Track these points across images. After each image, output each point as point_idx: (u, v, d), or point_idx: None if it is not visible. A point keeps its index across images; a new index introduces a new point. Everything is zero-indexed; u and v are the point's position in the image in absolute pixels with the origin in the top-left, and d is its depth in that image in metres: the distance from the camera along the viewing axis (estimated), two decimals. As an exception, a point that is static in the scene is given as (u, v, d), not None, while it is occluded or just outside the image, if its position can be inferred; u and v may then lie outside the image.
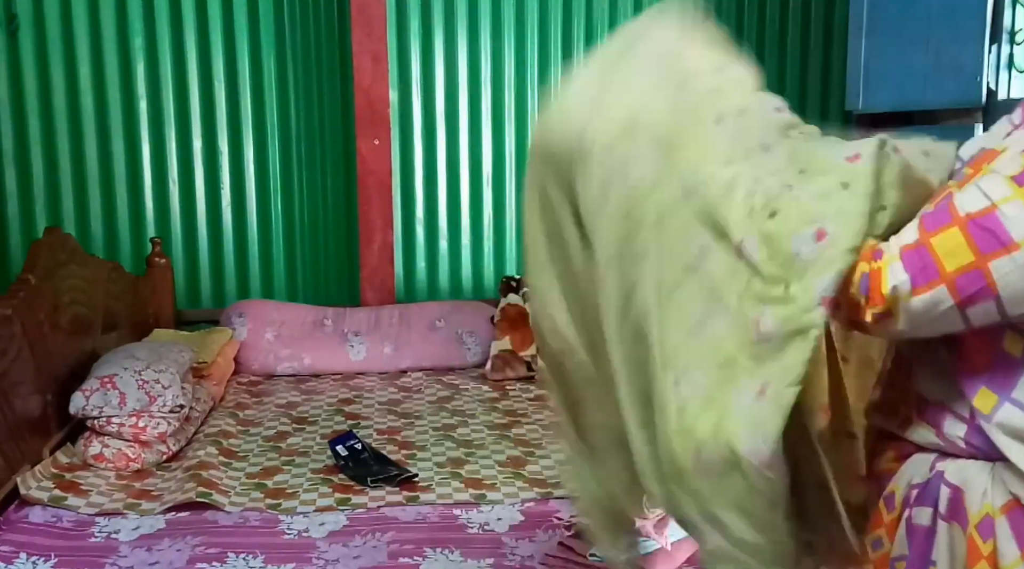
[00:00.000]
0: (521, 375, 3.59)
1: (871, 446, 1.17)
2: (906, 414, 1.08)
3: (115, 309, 3.38)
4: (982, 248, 0.90)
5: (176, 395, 2.76)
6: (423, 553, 2.12)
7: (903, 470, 1.08)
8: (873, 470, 1.15)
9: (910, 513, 1.06)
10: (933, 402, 1.05)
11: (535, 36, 4.09)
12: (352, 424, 3.03)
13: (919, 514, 1.05)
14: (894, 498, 1.09)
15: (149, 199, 3.94)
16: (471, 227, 4.16)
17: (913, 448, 1.08)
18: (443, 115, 4.08)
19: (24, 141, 3.80)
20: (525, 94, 4.11)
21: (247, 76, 3.93)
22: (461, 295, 4.15)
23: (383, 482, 2.52)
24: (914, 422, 1.07)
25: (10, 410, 2.46)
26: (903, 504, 1.07)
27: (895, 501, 1.08)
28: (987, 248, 0.90)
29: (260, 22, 3.90)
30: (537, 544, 2.17)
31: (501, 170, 4.15)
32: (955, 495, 1.02)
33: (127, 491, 2.50)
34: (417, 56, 4.02)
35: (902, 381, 1.09)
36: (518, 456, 2.76)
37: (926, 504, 1.04)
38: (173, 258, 3.92)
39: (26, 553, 2.11)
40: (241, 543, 2.18)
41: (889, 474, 1.10)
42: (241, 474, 2.63)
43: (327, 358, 3.70)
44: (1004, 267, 0.89)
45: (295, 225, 4.07)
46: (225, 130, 3.95)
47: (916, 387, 1.07)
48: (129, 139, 3.89)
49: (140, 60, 3.85)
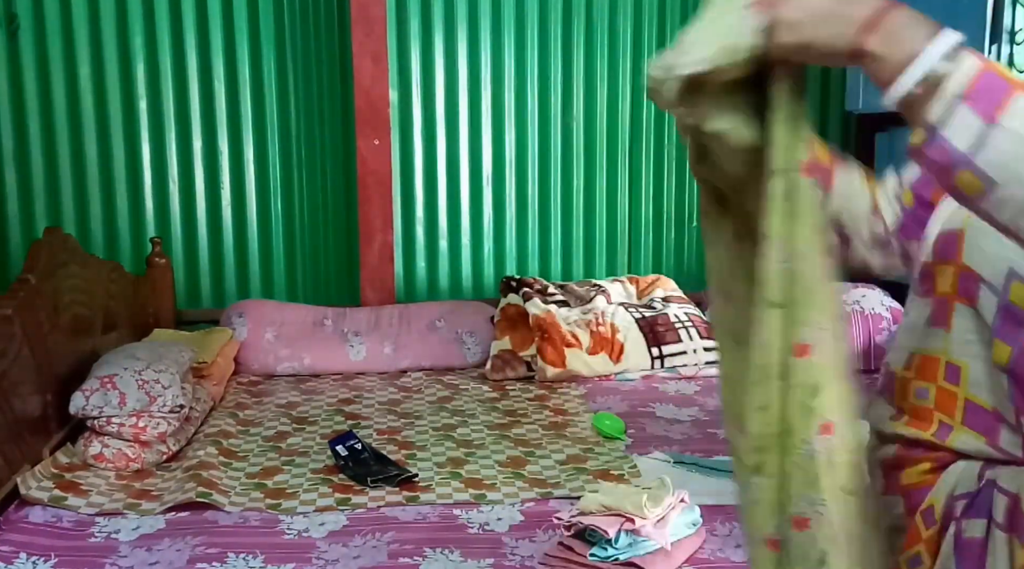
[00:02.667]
0: (521, 375, 3.58)
1: (895, 458, 1.09)
2: (944, 422, 1.02)
3: (115, 309, 3.38)
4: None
5: (176, 395, 2.76)
6: (423, 553, 2.12)
7: (942, 481, 1.02)
8: (900, 483, 1.08)
9: (959, 527, 0.99)
10: (985, 409, 0.99)
11: (535, 36, 4.09)
12: (352, 424, 3.03)
13: (971, 527, 0.98)
14: (933, 512, 1.02)
15: (149, 199, 3.95)
16: (471, 227, 4.16)
17: (952, 457, 1.03)
18: (443, 115, 4.08)
19: (24, 141, 3.81)
20: (525, 94, 4.11)
21: (247, 76, 3.93)
22: (461, 295, 4.15)
23: (383, 482, 2.52)
24: (957, 430, 1.01)
25: (10, 410, 2.46)
26: (945, 517, 1.01)
27: (935, 514, 1.02)
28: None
29: (260, 22, 3.91)
30: (537, 544, 2.17)
31: (501, 170, 4.15)
32: (1013, 504, 0.96)
33: (127, 491, 2.50)
34: (417, 56, 4.02)
35: (942, 386, 1.03)
36: (518, 456, 2.76)
37: (978, 516, 0.98)
38: (173, 258, 3.92)
39: (26, 553, 2.11)
40: (241, 543, 2.18)
41: (924, 487, 1.04)
42: (241, 474, 2.63)
43: (327, 358, 3.70)
44: None
45: (295, 225, 4.07)
46: (225, 130, 3.95)
47: (964, 393, 1.01)
48: (129, 139, 3.89)
49: (140, 60, 3.85)
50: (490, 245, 4.19)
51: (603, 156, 4.22)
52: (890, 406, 1.10)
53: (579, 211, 4.24)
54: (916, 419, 1.06)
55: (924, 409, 1.05)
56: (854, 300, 3.69)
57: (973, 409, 1.00)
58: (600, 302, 3.77)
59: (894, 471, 1.09)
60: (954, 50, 0.79)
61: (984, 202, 0.79)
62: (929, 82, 0.79)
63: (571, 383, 3.50)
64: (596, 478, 2.53)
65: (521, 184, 4.18)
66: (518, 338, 3.62)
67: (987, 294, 1.00)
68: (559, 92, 4.14)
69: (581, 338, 3.54)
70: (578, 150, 4.19)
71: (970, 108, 0.77)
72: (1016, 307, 0.97)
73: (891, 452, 1.10)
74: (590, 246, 4.28)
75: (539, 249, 4.23)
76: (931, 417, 1.04)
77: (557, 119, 4.17)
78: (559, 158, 4.19)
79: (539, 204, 4.20)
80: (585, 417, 3.10)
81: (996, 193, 0.78)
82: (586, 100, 4.17)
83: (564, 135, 4.18)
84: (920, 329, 1.07)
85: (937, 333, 1.04)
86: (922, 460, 1.06)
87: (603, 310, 3.67)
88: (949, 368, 1.03)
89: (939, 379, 1.03)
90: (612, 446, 2.83)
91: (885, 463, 1.11)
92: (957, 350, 1.02)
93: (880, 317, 3.64)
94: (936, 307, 1.06)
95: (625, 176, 4.26)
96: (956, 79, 0.78)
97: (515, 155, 4.14)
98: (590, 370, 3.52)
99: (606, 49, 4.13)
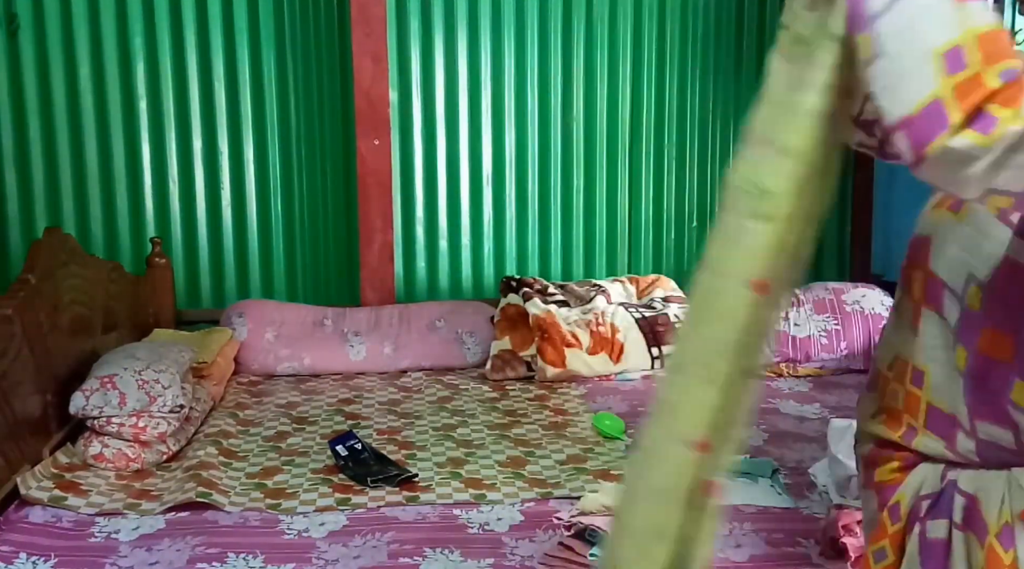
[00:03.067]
0: (521, 375, 3.58)
1: (870, 455, 1.13)
2: (911, 424, 1.05)
3: (115, 309, 3.38)
4: None
5: (176, 395, 2.76)
6: (423, 553, 2.13)
7: (909, 480, 1.05)
8: (873, 480, 1.12)
9: (924, 527, 1.02)
10: (944, 413, 1.01)
11: (535, 36, 4.09)
12: (352, 424, 3.03)
13: (934, 528, 1.01)
14: (899, 509, 1.06)
15: (149, 199, 3.95)
16: (471, 227, 4.16)
17: (918, 458, 1.05)
18: (443, 115, 4.08)
19: (24, 141, 3.81)
20: (525, 94, 4.12)
21: (247, 76, 3.93)
22: (461, 295, 4.15)
23: (383, 482, 2.52)
24: (920, 433, 1.04)
25: (10, 410, 2.46)
26: (910, 516, 1.04)
27: (900, 512, 1.05)
28: None
29: (260, 22, 3.91)
30: (537, 544, 2.17)
31: (501, 170, 4.15)
32: (971, 504, 0.98)
33: (127, 491, 2.50)
34: (417, 56, 4.02)
35: (909, 390, 1.06)
36: (518, 456, 2.76)
37: (941, 517, 1.01)
38: (173, 258, 3.92)
39: (26, 553, 2.11)
40: (241, 543, 2.18)
41: (892, 485, 1.07)
42: (241, 474, 2.63)
43: (327, 358, 3.70)
44: None
45: (295, 225, 4.07)
46: (225, 130, 3.96)
47: (927, 397, 1.03)
48: (129, 139, 3.89)
49: (140, 60, 3.85)
50: (490, 245, 4.19)
51: (603, 156, 4.22)
52: (874, 404, 1.12)
53: (579, 211, 4.24)
54: (890, 419, 1.08)
55: (896, 410, 1.07)
56: (854, 300, 3.69)
57: (934, 413, 1.02)
58: (600, 302, 3.77)
59: (870, 468, 1.13)
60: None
61: (866, 66, 0.81)
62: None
63: (571, 383, 3.50)
64: (596, 478, 2.54)
65: (521, 184, 4.18)
66: (518, 338, 3.62)
67: (951, 300, 1.01)
68: (559, 92, 4.14)
69: (581, 338, 3.54)
70: (578, 150, 4.19)
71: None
72: (972, 310, 0.97)
73: (868, 449, 1.13)
74: (590, 246, 4.28)
75: (539, 249, 4.23)
76: (901, 419, 1.06)
77: (557, 119, 4.17)
78: (559, 158, 4.19)
79: (539, 204, 4.20)
80: (585, 417, 3.10)
81: (877, 62, 0.80)
82: (586, 100, 4.17)
83: (564, 135, 4.18)
84: (905, 329, 1.09)
85: (909, 337, 1.06)
86: (892, 458, 1.08)
87: (603, 310, 3.67)
88: (915, 372, 1.05)
89: (906, 382, 1.05)
90: (612, 446, 2.83)
91: (864, 459, 1.14)
92: (922, 355, 1.03)
93: (880, 317, 3.64)
94: (914, 310, 1.07)
95: (625, 176, 4.26)
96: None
97: (515, 155, 4.15)
98: (590, 370, 3.52)
99: (606, 49, 4.13)
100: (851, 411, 3.07)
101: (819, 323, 3.65)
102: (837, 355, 3.63)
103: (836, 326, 3.64)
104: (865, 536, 1.16)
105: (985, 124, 0.77)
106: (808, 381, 3.56)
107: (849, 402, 3.27)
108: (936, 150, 0.79)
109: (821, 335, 3.62)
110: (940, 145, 0.78)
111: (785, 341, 3.63)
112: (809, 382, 3.54)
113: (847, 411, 3.10)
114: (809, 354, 3.62)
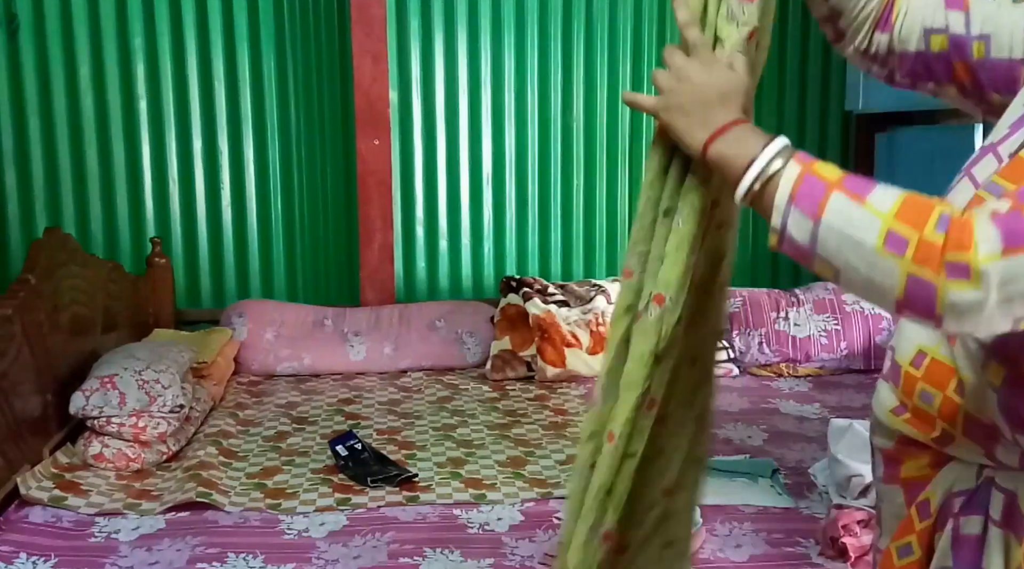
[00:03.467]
0: (521, 375, 3.59)
1: (894, 451, 1.10)
2: (947, 430, 1.03)
3: (115, 309, 3.38)
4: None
5: (176, 395, 2.77)
6: (423, 553, 2.13)
7: (940, 476, 1.04)
8: (899, 476, 1.10)
9: (956, 523, 1.01)
10: (984, 423, 0.99)
11: (535, 36, 4.09)
12: (352, 424, 3.03)
13: (968, 524, 1.00)
14: (929, 505, 1.04)
15: (149, 199, 3.95)
16: (471, 227, 4.16)
17: (949, 456, 1.04)
18: (443, 115, 4.08)
19: (24, 141, 3.81)
20: (525, 94, 4.11)
21: (247, 76, 3.93)
22: (461, 295, 4.15)
23: (383, 482, 2.52)
24: (958, 440, 1.02)
25: (10, 410, 2.46)
26: (942, 512, 1.03)
27: (930, 508, 1.04)
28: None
29: (260, 22, 3.90)
30: (537, 544, 2.17)
31: (501, 170, 4.15)
32: (1010, 501, 0.98)
33: (127, 491, 2.50)
34: (417, 56, 4.02)
35: (949, 397, 1.03)
36: (518, 456, 2.76)
37: (976, 513, 1.00)
38: (173, 258, 3.92)
39: (26, 553, 2.11)
40: (241, 543, 2.18)
41: (922, 481, 1.06)
42: (241, 474, 2.63)
43: (327, 358, 3.70)
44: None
45: (295, 225, 4.07)
46: (225, 130, 3.95)
47: (965, 406, 1.01)
48: (129, 139, 3.89)
49: (140, 60, 3.85)
50: (490, 245, 4.19)
51: (603, 156, 4.22)
52: (893, 396, 1.09)
53: (579, 211, 4.24)
54: (918, 420, 1.06)
55: (927, 413, 1.05)
56: (854, 300, 3.69)
57: (972, 421, 1.01)
58: (600, 302, 3.77)
59: (894, 463, 1.10)
60: (783, 150, 0.91)
61: (838, 283, 0.90)
62: (764, 179, 0.91)
63: (571, 383, 3.50)
64: (596, 478, 2.53)
65: (521, 184, 4.17)
66: (518, 338, 3.62)
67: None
68: (559, 92, 4.14)
69: (581, 338, 3.54)
70: (578, 150, 4.19)
71: (799, 209, 0.88)
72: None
73: (890, 445, 1.11)
74: (590, 246, 4.27)
75: (539, 249, 4.23)
76: (934, 423, 1.04)
77: (557, 119, 4.16)
78: (559, 158, 4.19)
79: (539, 204, 4.20)
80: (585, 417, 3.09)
81: (842, 276, 0.88)
82: (586, 100, 4.16)
83: (564, 135, 4.18)
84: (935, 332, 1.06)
85: (944, 342, 1.04)
86: (922, 455, 1.07)
87: (603, 310, 3.67)
88: (958, 382, 1.03)
89: (948, 390, 1.03)
90: (612, 446, 2.83)
91: (885, 454, 1.12)
92: (963, 364, 1.01)
93: (880, 317, 3.64)
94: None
95: (625, 176, 4.26)
96: (783, 185, 0.89)
97: (515, 155, 4.14)
98: (590, 370, 3.52)
99: (606, 49, 4.13)
100: (851, 411, 3.09)
101: (819, 323, 3.65)
102: (837, 355, 3.63)
103: (836, 326, 3.64)
104: (881, 531, 1.14)
105: (959, 273, 0.81)
106: (808, 381, 3.56)
107: (849, 402, 3.27)
108: (945, 308, 0.83)
109: (821, 335, 3.63)
110: (943, 303, 0.83)
111: (785, 341, 3.63)
112: (809, 382, 3.55)
113: (847, 411, 3.10)
114: (809, 354, 3.62)
